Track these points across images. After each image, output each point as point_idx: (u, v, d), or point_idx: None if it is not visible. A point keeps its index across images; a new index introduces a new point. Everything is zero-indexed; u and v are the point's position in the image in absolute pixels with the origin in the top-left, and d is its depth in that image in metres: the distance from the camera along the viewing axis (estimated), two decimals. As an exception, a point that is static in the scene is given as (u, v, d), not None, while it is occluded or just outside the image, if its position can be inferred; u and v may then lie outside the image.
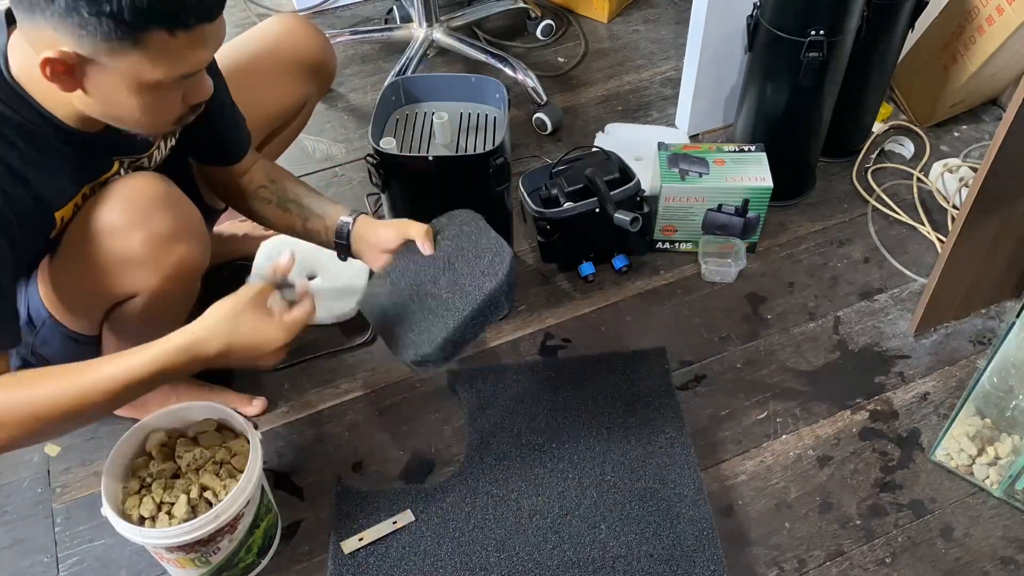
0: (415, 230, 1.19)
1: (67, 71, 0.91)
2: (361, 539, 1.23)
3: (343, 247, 1.25)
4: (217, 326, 0.98)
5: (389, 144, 1.28)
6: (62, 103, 0.98)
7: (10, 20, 0.95)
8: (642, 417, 1.36)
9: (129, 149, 1.12)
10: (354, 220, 1.24)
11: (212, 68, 1.12)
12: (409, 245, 1.20)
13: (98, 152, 1.08)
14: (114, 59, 0.90)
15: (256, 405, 1.40)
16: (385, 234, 1.22)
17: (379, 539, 1.23)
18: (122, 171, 1.12)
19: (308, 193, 1.28)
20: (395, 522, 1.24)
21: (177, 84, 0.96)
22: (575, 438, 1.34)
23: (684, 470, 1.28)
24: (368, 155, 1.30)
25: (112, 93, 0.94)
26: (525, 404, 1.38)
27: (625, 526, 1.23)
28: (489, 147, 1.39)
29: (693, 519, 1.23)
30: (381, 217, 1.63)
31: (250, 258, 1.55)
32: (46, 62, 0.89)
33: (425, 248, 1.18)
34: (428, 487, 1.29)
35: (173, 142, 1.21)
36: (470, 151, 1.41)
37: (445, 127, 1.37)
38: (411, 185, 1.32)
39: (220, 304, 1.00)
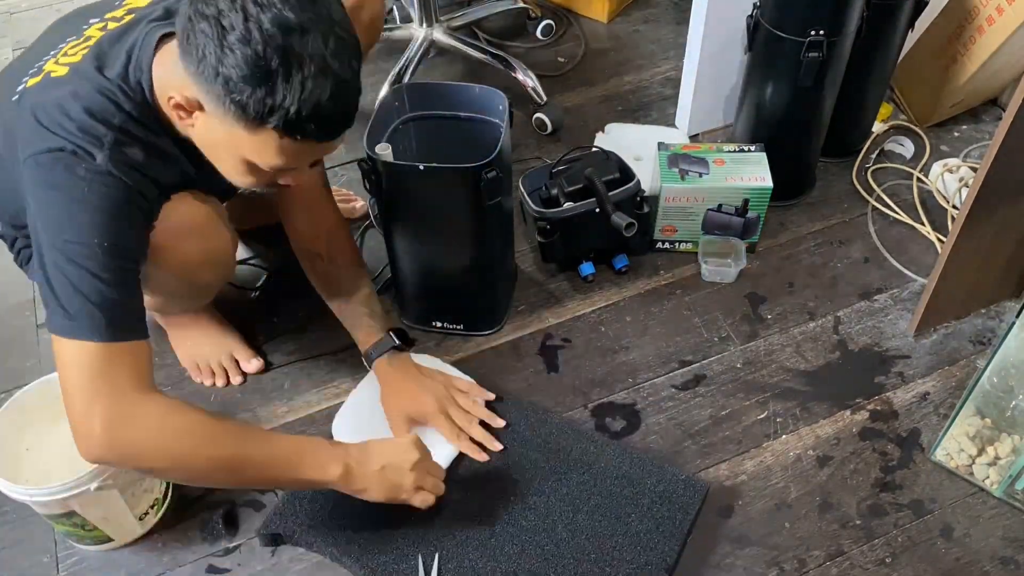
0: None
1: (186, 111, 0.98)
2: None
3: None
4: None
5: (384, 150, 1.27)
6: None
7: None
8: (645, 526, 1.22)
9: (219, 189, 1.19)
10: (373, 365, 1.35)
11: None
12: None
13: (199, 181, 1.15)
14: (226, 125, 0.95)
15: (254, 365, 1.46)
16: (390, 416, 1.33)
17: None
18: None
19: (352, 288, 1.34)
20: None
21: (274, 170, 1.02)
22: (554, 517, 1.23)
23: None
24: (361, 159, 1.29)
25: (214, 146, 1.03)
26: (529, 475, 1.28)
27: None
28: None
29: None
30: (378, 216, 1.62)
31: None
32: (172, 98, 0.98)
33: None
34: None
35: None
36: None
37: None
38: (402, 194, 1.31)
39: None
